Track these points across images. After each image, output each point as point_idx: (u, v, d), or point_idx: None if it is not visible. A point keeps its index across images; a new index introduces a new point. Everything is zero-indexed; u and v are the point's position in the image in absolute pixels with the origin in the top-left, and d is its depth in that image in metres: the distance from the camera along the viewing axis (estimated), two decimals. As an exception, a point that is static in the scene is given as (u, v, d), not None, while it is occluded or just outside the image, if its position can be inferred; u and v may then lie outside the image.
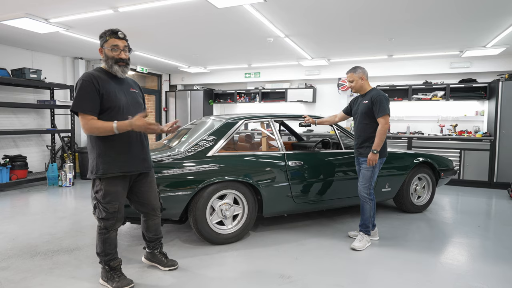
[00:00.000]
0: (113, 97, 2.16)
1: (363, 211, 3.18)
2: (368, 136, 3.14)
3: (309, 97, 7.51)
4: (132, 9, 3.77)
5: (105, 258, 2.32)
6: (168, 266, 2.62)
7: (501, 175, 5.78)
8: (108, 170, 2.17)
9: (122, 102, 2.20)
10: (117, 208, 2.25)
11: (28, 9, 3.86)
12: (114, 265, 2.33)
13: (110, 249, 2.31)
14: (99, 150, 2.18)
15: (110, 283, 2.32)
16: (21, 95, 5.92)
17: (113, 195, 2.22)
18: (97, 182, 2.24)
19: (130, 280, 2.35)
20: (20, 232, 3.45)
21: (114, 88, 2.19)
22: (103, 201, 2.21)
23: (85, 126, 2.11)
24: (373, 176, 3.13)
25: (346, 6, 3.68)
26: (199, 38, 5.07)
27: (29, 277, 2.50)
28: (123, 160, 2.21)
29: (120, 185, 2.26)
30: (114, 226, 2.29)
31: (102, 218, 2.25)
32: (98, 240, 2.30)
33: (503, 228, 3.78)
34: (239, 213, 3.22)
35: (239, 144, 4.40)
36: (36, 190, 5.45)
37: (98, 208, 2.25)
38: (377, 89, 3.19)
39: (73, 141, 6.38)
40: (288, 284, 2.44)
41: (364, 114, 3.14)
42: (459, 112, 6.59)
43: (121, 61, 2.20)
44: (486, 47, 5.40)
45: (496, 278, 2.58)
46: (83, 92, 2.09)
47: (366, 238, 3.16)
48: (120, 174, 2.21)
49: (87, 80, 2.10)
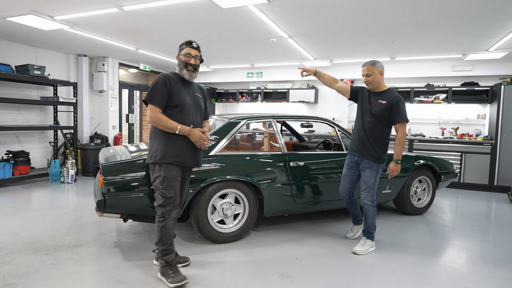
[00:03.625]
0: (180, 96, 2.42)
1: (366, 218, 3.10)
2: (376, 137, 2.98)
3: (311, 98, 7.53)
4: (137, 7, 3.79)
5: (162, 248, 2.41)
6: (181, 263, 2.68)
7: (502, 178, 5.79)
8: (170, 157, 2.38)
9: (187, 102, 2.45)
10: (174, 194, 2.40)
11: (33, 6, 3.88)
12: (169, 260, 2.42)
13: (167, 239, 2.42)
14: (164, 139, 2.39)
15: (165, 278, 2.40)
16: (25, 91, 5.95)
17: (171, 181, 2.39)
18: (156, 168, 2.40)
19: (184, 276, 2.40)
20: (23, 228, 3.48)
21: (182, 90, 2.45)
22: (161, 187, 2.38)
23: (152, 116, 2.36)
24: (375, 182, 3.04)
25: (350, 8, 3.70)
26: (202, 37, 5.09)
27: (32, 272, 2.53)
28: (182, 152, 2.42)
29: (177, 173, 2.42)
30: (171, 213, 2.41)
31: (159, 205, 2.39)
32: (156, 229, 2.42)
33: (503, 231, 3.79)
34: (240, 212, 3.25)
35: (241, 144, 4.42)
36: (38, 186, 5.48)
37: (156, 195, 2.42)
38: (395, 91, 3.03)
39: (75, 138, 6.42)
40: (288, 284, 2.47)
41: (378, 115, 2.95)
42: (460, 115, 6.60)
43: (190, 65, 2.46)
44: (488, 51, 5.40)
45: (495, 281, 2.59)
46: (157, 87, 2.36)
47: (369, 243, 3.11)
48: (176, 163, 2.40)
49: (161, 79, 2.38)
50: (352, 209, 3.32)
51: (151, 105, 2.36)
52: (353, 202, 3.27)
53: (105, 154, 3.32)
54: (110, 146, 4.36)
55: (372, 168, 3.02)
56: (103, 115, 7.07)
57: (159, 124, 2.37)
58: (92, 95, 7.10)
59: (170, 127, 2.36)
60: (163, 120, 2.36)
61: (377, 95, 3.03)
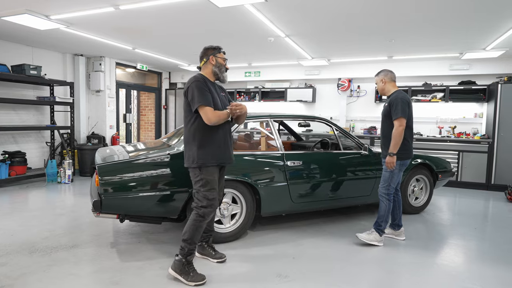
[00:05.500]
0: (214, 97, 2.52)
1: (379, 209, 3.26)
2: (387, 137, 3.21)
3: (308, 97, 7.52)
4: (133, 7, 3.77)
5: (190, 247, 2.46)
6: (216, 258, 2.78)
7: (499, 177, 5.81)
8: (208, 160, 2.47)
9: (218, 102, 2.55)
10: (215, 196, 2.50)
11: (29, 5, 3.85)
12: (190, 259, 2.49)
13: (197, 239, 2.50)
14: (200, 142, 2.47)
15: (185, 276, 2.44)
16: (21, 91, 5.92)
17: (212, 182, 2.49)
18: (196, 172, 2.49)
19: (204, 276, 2.47)
20: (19, 229, 3.46)
21: (213, 91, 2.56)
22: (204, 189, 2.46)
23: (211, 117, 2.41)
24: (392, 177, 3.17)
25: (347, 7, 3.69)
26: (199, 36, 5.07)
27: (28, 273, 2.51)
28: (219, 152, 2.52)
29: (216, 174, 2.53)
30: (210, 214, 2.50)
31: (202, 206, 2.47)
32: (191, 227, 2.46)
33: (500, 230, 3.80)
34: (237, 212, 3.24)
35: (238, 144, 4.40)
36: (35, 186, 5.45)
37: (198, 196, 2.49)
38: (399, 91, 3.23)
39: (72, 138, 6.39)
40: (285, 283, 2.46)
41: (384, 116, 3.27)
42: (458, 114, 6.61)
43: (227, 70, 2.68)
44: (485, 50, 5.41)
45: (492, 280, 2.60)
46: (200, 90, 2.44)
47: (375, 236, 3.21)
48: (216, 164, 2.50)
49: (199, 81, 2.47)
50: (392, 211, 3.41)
51: (206, 107, 2.41)
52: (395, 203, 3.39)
53: (102, 154, 3.31)
54: (107, 146, 4.34)
55: None
56: (100, 115, 7.05)
57: (220, 120, 2.44)
58: (89, 94, 7.07)
59: (224, 117, 2.46)
60: (218, 114, 2.43)
61: (387, 99, 3.31)
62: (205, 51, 2.64)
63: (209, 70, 2.61)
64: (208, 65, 2.61)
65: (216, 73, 2.61)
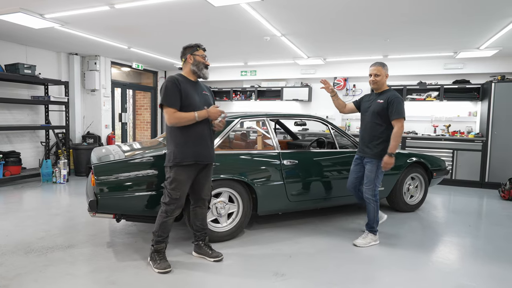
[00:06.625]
0: (190, 96, 2.55)
1: (368, 212, 3.20)
2: (377, 136, 3.11)
3: (305, 96, 7.54)
4: (128, 6, 3.76)
5: (156, 239, 2.60)
6: (213, 257, 2.79)
7: (492, 175, 5.87)
8: (183, 159, 2.52)
9: (196, 102, 2.58)
10: (179, 196, 2.54)
11: (23, 4, 3.82)
12: (158, 249, 2.61)
13: (163, 233, 2.60)
14: (177, 140, 2.54)
15: (153, 263, 2.61)
16: (15, 91, 5.87)
17: (178, 183, 2.53)
18: (168, 169, 2.57)
19: (168, 264, 2.59)
20: (14, 229, 3.44)
21: (191, 90, 2.58)
22: (169, 187, 2.54)
23: (170, 118, 2.47)
24: (377, 177, 3.12)
25: (343, 6, 3.71)
26: (195, 35, 5.06)
27: (23, 273, 2.50)
28: (196, 150, 2.56)
29: (187, 174, 2.56)
30: (173, 213, 2.57)
31: (165, 202, 2.56)
32: (157, 222, 2.60)
33: (494, 227, 3.84)
34: (234, 211, 3.25)
35: (234, 143, 4.41)
36: (30, 186, 5.42)
37: (164, 192, 2.58)
38: (394, 90, 3.17)
39: (67, 138, 6.35)
40: (281, 282, 2.47)
41: (377, 113, 3.10)
42: (452, 112, 6.66)
43: (207, 66, 2.67)
44: (479, 49, 5.46)
45: (485, 276, 2.63)
46: (169, 90, 2.48)
47: (371, 237, 3.20)
48: (193, 162, 2.54)
49: (171, 81, 2.51)
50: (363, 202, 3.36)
51: (168, 108, 2.47)
52: (362, 196, 3.34)
53: (98, 154, 3.29)
54: (103, 146, 4.32)
55: (372, 163, 3.14)
56: (96, 114, 7.01)
57: (180, 122, 2.48)
58: (84, 94, 7.03)
59: (190, 119, 2.48)
60: (181, 116, 2.48)
61: (378, 95, 3.19)
62: (183, 51, 2.66)
63: (188, 69, 2.63)
64: (187, 64, 2.63)
65: (194, 71, 2.62)
